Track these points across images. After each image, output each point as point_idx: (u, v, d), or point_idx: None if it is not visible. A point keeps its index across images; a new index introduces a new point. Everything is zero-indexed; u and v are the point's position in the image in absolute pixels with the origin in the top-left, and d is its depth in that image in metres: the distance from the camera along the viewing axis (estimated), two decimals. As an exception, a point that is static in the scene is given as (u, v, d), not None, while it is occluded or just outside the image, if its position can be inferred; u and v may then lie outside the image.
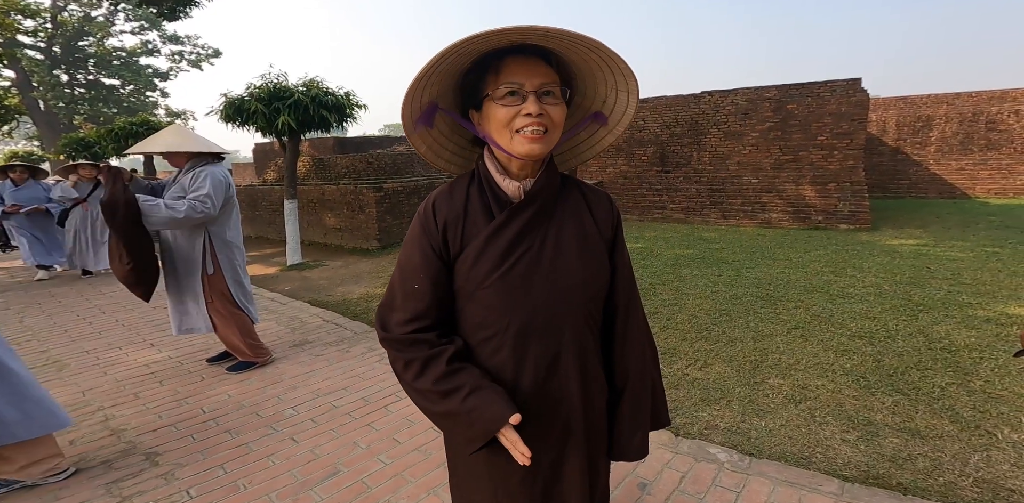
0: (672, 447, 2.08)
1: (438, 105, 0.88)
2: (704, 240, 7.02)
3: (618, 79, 0.86)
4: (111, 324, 4.07)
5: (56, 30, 27.04)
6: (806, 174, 8.16)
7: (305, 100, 5.51)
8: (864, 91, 7.73)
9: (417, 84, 0.78)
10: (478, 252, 0.84)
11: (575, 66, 0.87)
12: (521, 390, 0.87)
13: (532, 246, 0.85)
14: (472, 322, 0.88)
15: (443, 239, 0.87)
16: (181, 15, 9.40)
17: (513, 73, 0.79)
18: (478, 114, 0.86)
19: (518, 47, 0.80)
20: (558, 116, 0.81)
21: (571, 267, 0.87)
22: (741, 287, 4.47)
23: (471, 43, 0.72)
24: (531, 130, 0.78)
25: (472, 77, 0.84)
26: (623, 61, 0.80)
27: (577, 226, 0.90)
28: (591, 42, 0.76)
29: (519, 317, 0.84)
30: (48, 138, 26.49)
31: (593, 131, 0.99)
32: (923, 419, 2.25)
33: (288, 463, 2.06)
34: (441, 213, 0.87)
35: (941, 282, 4.44)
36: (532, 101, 0.78)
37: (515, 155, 0.82)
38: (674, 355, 3.05)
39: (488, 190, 0.88)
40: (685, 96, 9.14)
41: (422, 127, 0.88)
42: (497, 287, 0.84)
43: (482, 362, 0.88)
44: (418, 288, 0.87)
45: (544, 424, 0.89)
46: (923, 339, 3.17)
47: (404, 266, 0.90)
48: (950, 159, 11.07)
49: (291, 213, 6.19)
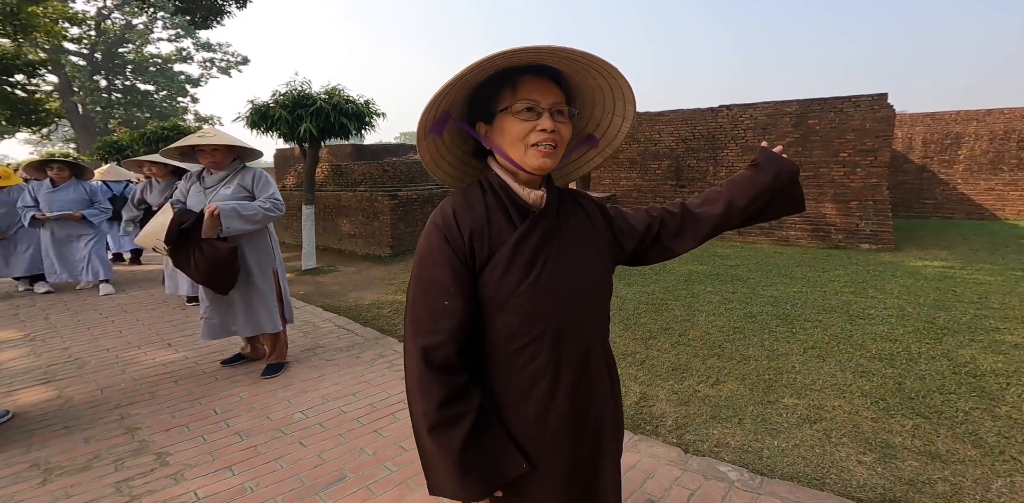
0: (681, 464, 2.04)
1: (451, 115, 0.90)
2: (719, 256, 6.93)
3: (617, 104, 0.92)
4: (132, 323, 4.17)
5: (99, 37, 28.28)
6: (827, 191, 8.02)
7: (327, 108, 5.64)
8: (890, 107, 7.58)
9: (443, 93, 0.81)
10: (508, 260, 0.85)
11: (579, 90, 0.93)
12: (560, 391, 0.89)
13: (553, 251, 0.88)
14: (505, 332, 0.87)
15: (470, 249, 0.85)
16: (213, 24, 9.76)
17: (531, 90, 0.83)
18: (487, 126, 0.89)
19: (534, 67, 0.84)
20: (567, 133, 0.86)
21: (587, 268, 0.91)
22: (756, 305, 4.40)
23: (502, 58, 0.76)
24: (545, 145, 0.83)
25: (485, 90, 0.87)
26: (630, 88, 0.87)
27: (582, 229, 0.95)
28: (609, 68, 0.82)
29: (555, 321, 0.87)
30: (84, 141, 27.55)
31: (583, 152, 1.05)
32: (944, 443, 2.18)
33: (295, 467, 2.07)
34: (465, 222, 0.86)
35: (967, 306, 4.30)
36: (547, 118, 0.82)
37: (527, 168, 0.85)
38: (685, 372, 3.00)
39: (507, 199, 0.89)
40: (702, 110, 9.09)
41: (432, 136, 0.90)
42: (529, 294, 0.85)
43: (518, 369, 0.88)
44: (448, 304, 0.83)
45: (580, 421, 0.92)
46: (947, 363, 3.07)
47: (428, 282, 0.85)
48: (979, 178, 10.77)
49: (308, 219, 6.32)
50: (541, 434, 0.89)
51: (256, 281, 2.85)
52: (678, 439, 2.25)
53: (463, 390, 0.85)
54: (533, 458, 0.90)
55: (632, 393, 2.71)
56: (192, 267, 2.62)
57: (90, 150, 16.30)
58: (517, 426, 0.89)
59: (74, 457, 2.16)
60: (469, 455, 0.82)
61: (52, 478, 2.01)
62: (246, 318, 2.88)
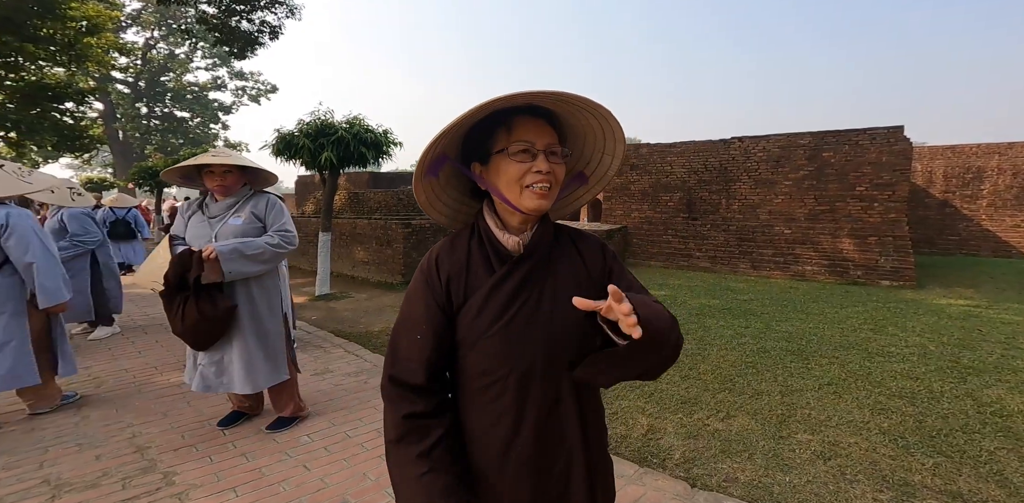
0: (688, 499, 1.98)
1: (448, 156, 0.94)
2: (731, 290, 6.84)
3: (607, 143, 0.95)
4: (151, 344, 4.27)
5: (144, 66, 30.06)
6: (843, 226, 7.89)
7: (347, 136, 5.86)
8: (907, 140, 7.50)
9: (445, 135, 0.83)
10: (481, 304, 0.88)
11: (571, 129, 0.96)
12: (524, 431, 0.90)
13: (531, 296, 0.89)
14: (475, 370, 0.90)
15: (446, 293, 0.90)
16: (248, 55, 10.30)
17: (526, 132, 0.85)
18: (482, 167, 0.91)
19: (528, 107, 0.88)
20: (561, 174, 0.89)
21: (567, 314, 0.89)
22: (770, 340, 4.31)
23: (500, 102, 0.80)
24: (540, 186, 0.84)
25: (479, 131, 0.90)
26: (620, 128, 0.90)
27: (570, 275, 0.93)
28: (602, 110, 0.85)
29: (521, 364, 0.88)
30: (121, 166, 28.95)
31: (572, 189, 1.06)
32: (967, 482, 2.09)
33: (298, 490, 2.07)
34: (444, 268, 0.91)
35: (994, 345, 4.16)
36: (543, 159, 0.84)
37: (522, 210, 0.87)
38: (695, 405, 2.94)
39: (488, 244, 0.92)
40: (714, 141, 9.09)
41: (430, 177, 0.94)
42: (499, 336, 0.87)
43: (484, 405, 0.91)
44: (421, 338, 0.89)
45: (548, 459, 0.92)
46: (971, 402, 2.95)
47: (407, 318, 0.92)
48: (1004, 214, 10.51)
49: (324, 245, 6.47)
50: (503, 468, 0.90)
51: (266, 324, 2.48)
52: (685, 473, 2.20)
53: (431, 409, 0.89)
54: (496, 489, 0.90)
55: (639, 425, 2.66)
56: (177, 316, 2.26)
57: (127, 176, 17.11)
58: (482, 454, 0.91)
59: (84, 474, 2.19)
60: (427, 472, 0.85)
61: (61, 494, 2.04)
62: (245, 371, 2.42)
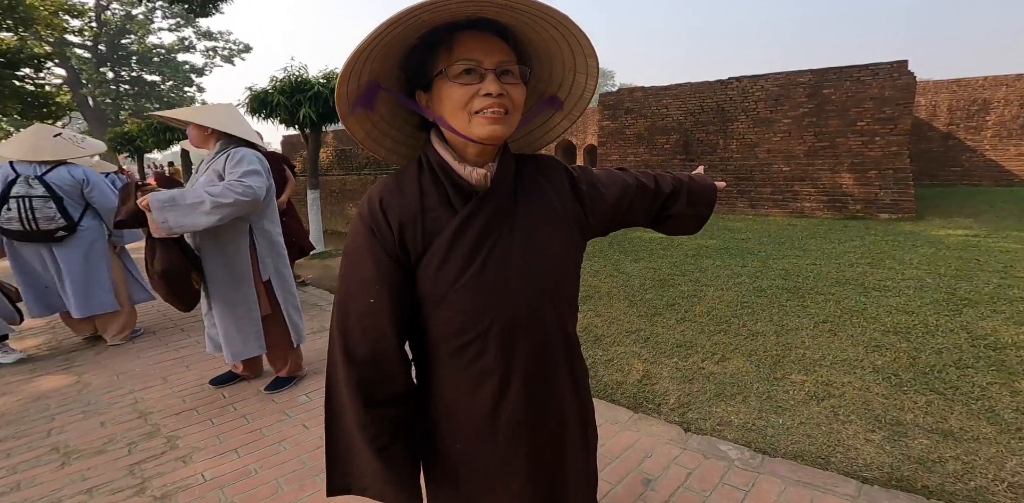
0: (681, 443, 2.02)
1: (380, 85, 0.80)
2: (729, 230, 6.78)
3: (578, 60, 0.80)
4: (147, 308, 4.25)
5: (100, 29, 28.39)
6: (843, 161, 7.77)
7: (325, 92, 5.60)
8: (911, 74, 7.29)
9: (355, 59, 0.69)
10: (445, 251, 0.76)
11: (532, 45, 0.81)
12: (512, 391, 0.82)
13: (501, 237, 0.78)
14: (446, 330, 0.79)
15: (399, 242, 0.77)
16: (212, 11, 9.63)
17: (469, 49, 0.71)
18: (427, 95, 0.78)
19: (473, 21, 0.73)
20: (518, 97, 0.75)
21: (544, 252, 0.80)
22: (766, 279, 4.30)
23: (421, 11, 0.65)
24: (492, 111, 0.71)
25: (419, 54, 0.77)
26: (587, 39, 0.74)
27: (540, 206, 0.83)
28: (556, 14, 0.69)
29: (502, 316, 0.78)
30: (97, 133, 28.03)
31: (548, 116, 0.93)
32: (958, 420, 2.12)
33: (298, 449, 2.10)
34: (393, 212, 0.77)
35: (991, 275, 4.15)
36: (492, 80, 0.71)
37: (474, 139, 0.74)
38: (690, 348, 2.96)
39: (446, 180, 0.78)
40: (711, 82, 8.83)
41: (360, 110, 0.80)
42: (472, 287, 0.76)
43: (461, 369, 0.81)
44: (375, 302, 0.77)
45: (542, 415, 0.85)
46: (965, 335, 2.97)
47: (353, 280, 0.79)
48: (1008, 144, 10.27)
49: (313, 203, 6.41)
50: (493, 433, 0.83)
51: (228, 292, 2.31)
52: (680, 417, 2.23)
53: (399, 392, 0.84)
54: (487, 457, 0.85)
55: (635, 371, 2.69)
56: (151, 273, 2.17)
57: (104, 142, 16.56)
58: (466, 423, 0.84)
59: (91, 441, 2.23)
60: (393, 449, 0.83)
61: (70, 461, 2.08)
62: (223, 340, 2.39)
